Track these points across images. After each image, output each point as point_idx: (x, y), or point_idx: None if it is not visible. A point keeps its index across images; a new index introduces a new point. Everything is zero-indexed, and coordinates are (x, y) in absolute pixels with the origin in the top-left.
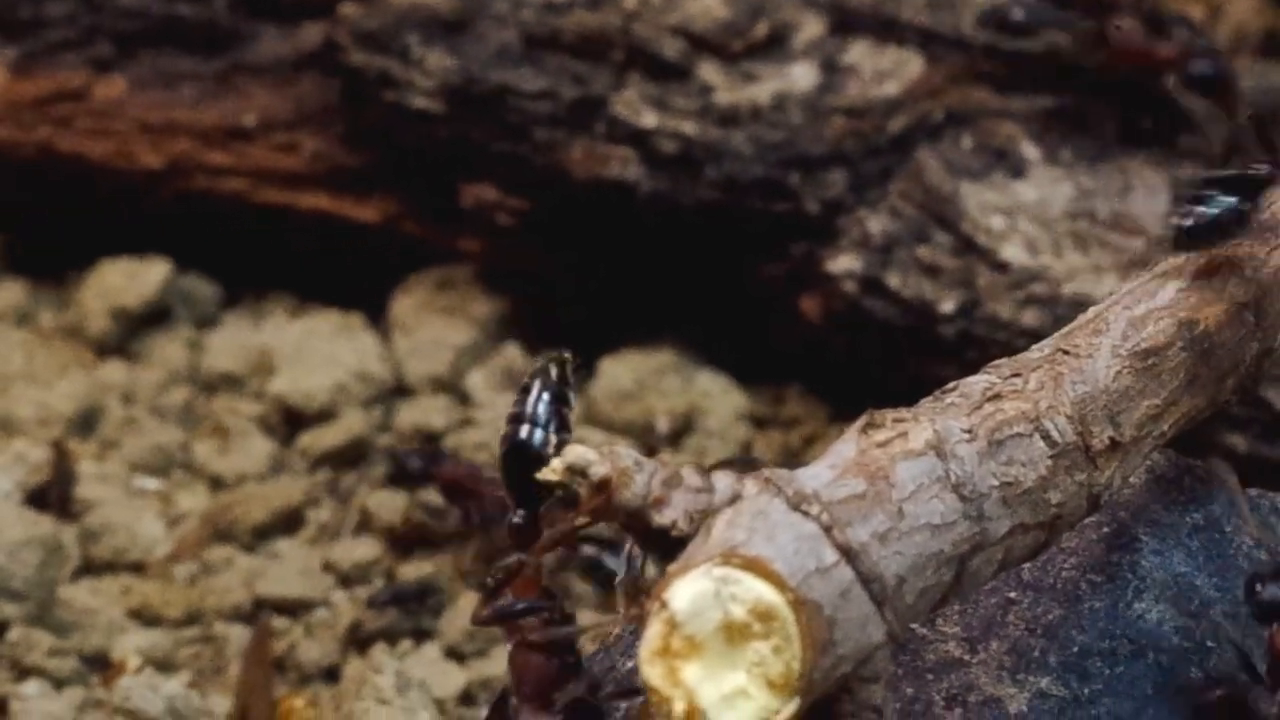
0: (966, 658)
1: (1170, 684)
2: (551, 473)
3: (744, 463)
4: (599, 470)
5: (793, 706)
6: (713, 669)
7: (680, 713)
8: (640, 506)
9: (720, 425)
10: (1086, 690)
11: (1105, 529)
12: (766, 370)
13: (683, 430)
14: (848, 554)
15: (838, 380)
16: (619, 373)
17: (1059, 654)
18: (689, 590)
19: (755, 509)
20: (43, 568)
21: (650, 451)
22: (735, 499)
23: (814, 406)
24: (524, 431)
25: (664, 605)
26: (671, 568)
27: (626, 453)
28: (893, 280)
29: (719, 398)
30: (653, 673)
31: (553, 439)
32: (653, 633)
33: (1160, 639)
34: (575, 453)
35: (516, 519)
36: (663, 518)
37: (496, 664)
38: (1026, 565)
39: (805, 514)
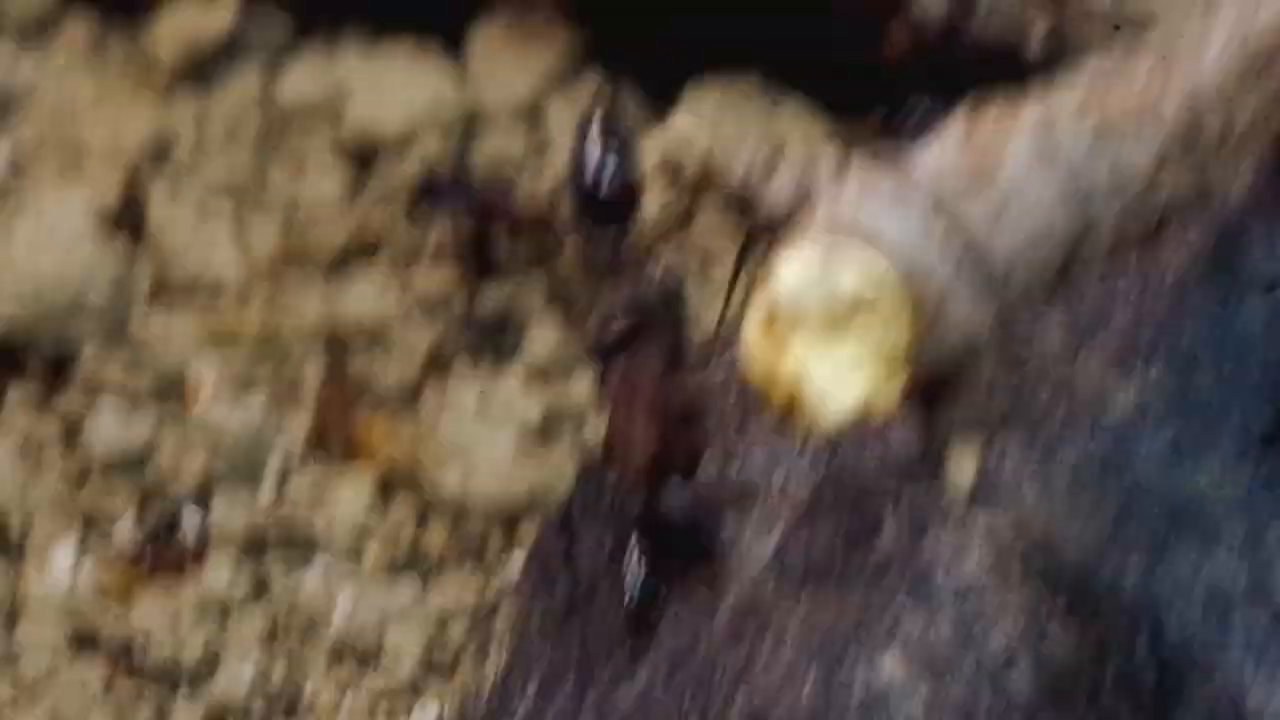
0: (1073, 348)
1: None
2: (656, 153)
3: None
4: (703, 144)
5: (900, 381)
6: (818, 344)
7: (786, 390)
8: (745, 183)
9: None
10: (1197, 383)
11: (1212, 221)
12: (855, 102)
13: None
14: (957, 230)
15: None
16: (702, 103)
17: (1168, 347)
18: (797, 263)
19: (864, 183)
20: (116, 292)
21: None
22: (842, 173)
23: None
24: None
25: (770, 278)
26: (780, 241)
27: (732, 129)
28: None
29: (801, 126)
30: (758, 348)
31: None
32: (758, 305)
33: (1273, 335)
34: (678, 128)
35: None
36: (770, 193)
37: (579, 389)
38: (1134, 257)
39: (915, 188)
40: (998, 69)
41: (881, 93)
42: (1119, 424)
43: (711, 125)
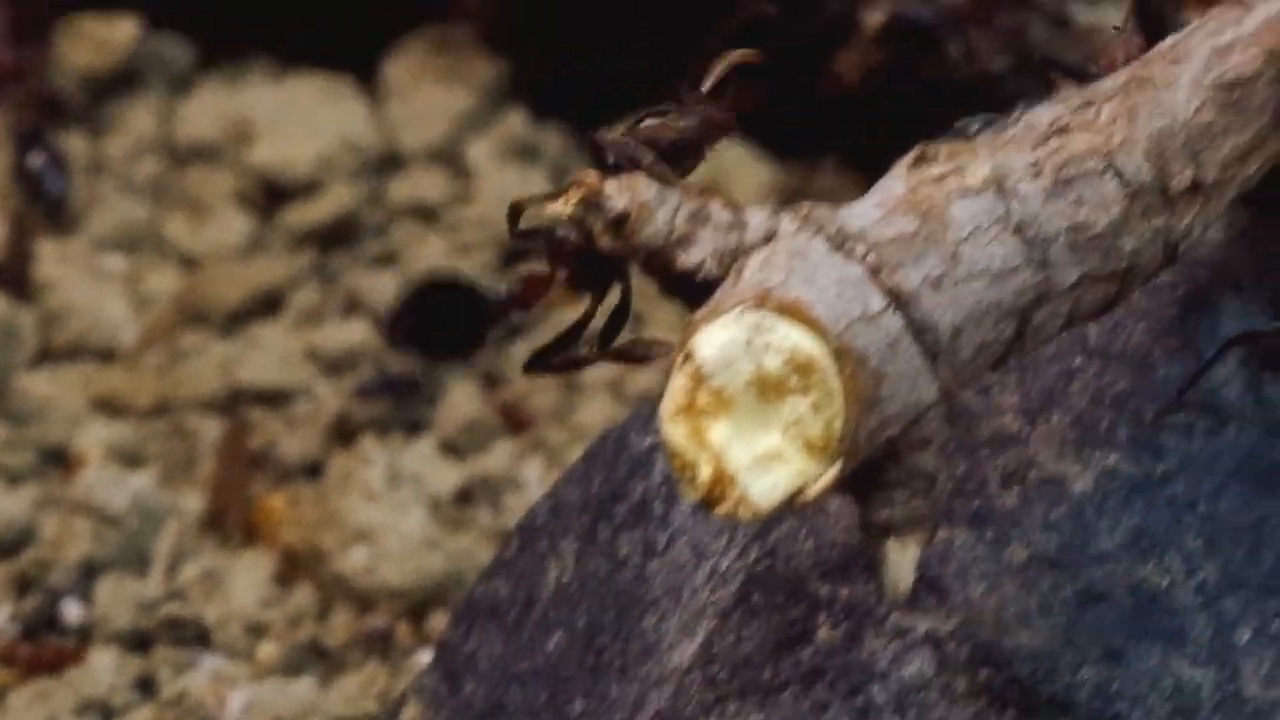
0: (1025, 431)
1: (1254, 462)
2: (562, 206)
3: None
4: (616, 203)
5: (833, 471)
6: (743, 429)
7: (706, 478)
8: (663, 245)
9: (744, 200)
10: (1160, 468)
11: (1181, 289)
12: (797, 141)
13: None
14: (897, 299)
15: (876, 151)
16: None
17: (1128, 427)
18: (718, 338)
19: (792, 248)
20: None
21: None
22: (770, 237)
23: (849, 180)
24: None
25: (689, 356)
26: (698, 313)
27: (647, 184)
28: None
29: (744, 169)
30: (676, 433)
31: None
32: (676, 387)
33: (1243, 411)
34: (589, 184)
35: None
36: (689, 258)
37: (495, 459)
38: (1093, 329)
39: (849, 254)
40: (956, 109)
41: (831, 135)
42: (1075, 513)
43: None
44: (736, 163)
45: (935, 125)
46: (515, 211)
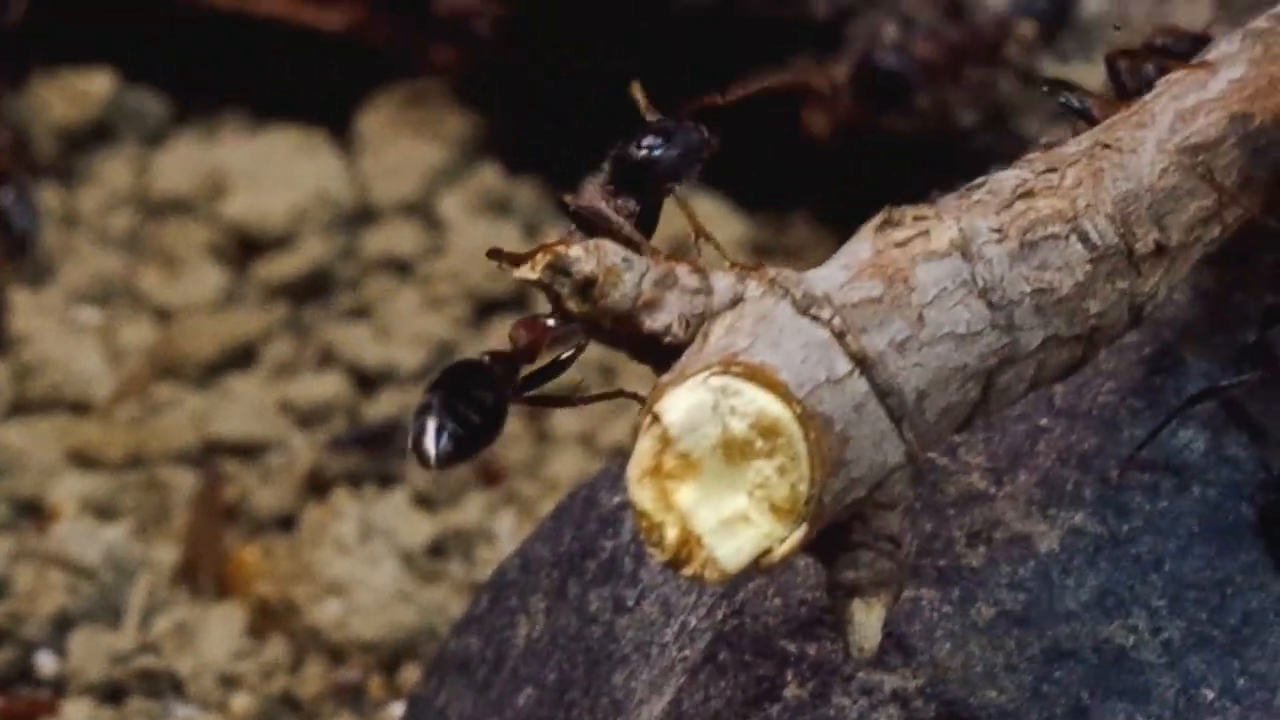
0: (992, 490)
1: (1218, 521)
2: (530, 271)
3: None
4: (583, 268)
5: (799, 533)
6: (710, 491)
7: (673, 540)
8: (630, 309)
9: (716, 255)
10: (1125, 527)
11: (1147, 349)
12: (769, 195)
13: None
14: (862, 363)
15: (847, 205)
16: None
17: (1095, 487)
18: (684, 402)
19: (759, 312)
20: None
21: None
22: (736, 301)
23: (821, 234)
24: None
25: (656, 419)
26: (664, 377)
27: (614, 248)
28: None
29: (716, 223)
30: (642, 495)
31: None
32: (643, 450)
33: (1207, 471)
34: (556, 249)
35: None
36: (655, 322)
37: (467, 512)
38: (1059, 388)
39: (815, 318)
40: (925, 164)
41: (802, 188)
42: (1042, 571)
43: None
44: (708, 216)
45: (905, 180)
46: (495, 255)
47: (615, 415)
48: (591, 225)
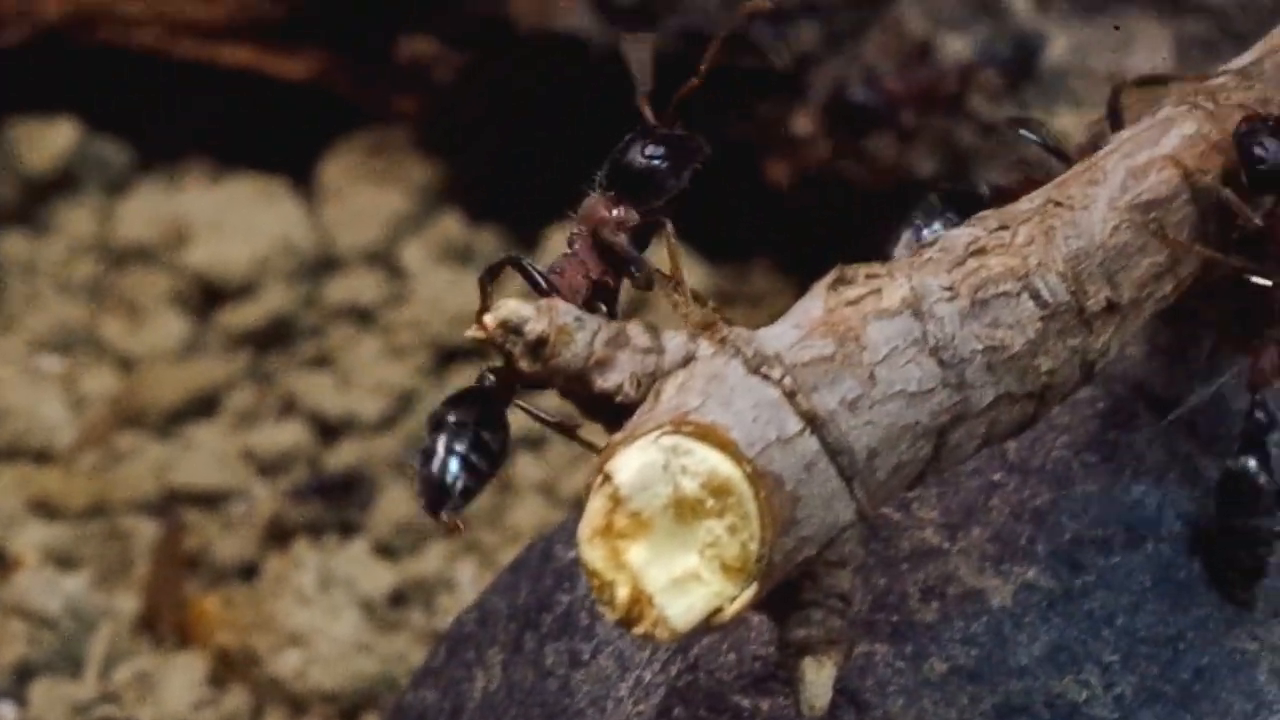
0: (945, 546)
1: (1170, 577)
2: (481, 331)
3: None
4: (535, 328)
5: (749, 592)
6: (661, 550)
7: (624, 599)
8: (582, 368)
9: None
10: (1078, 582)
11: (1100, 404)
12: (730, 243)
13: (636, 308)
14: (813, 422)
15: (808, 254)
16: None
17: (1048, 542)
18: (635, 461)
19: (710, 372)
20: None
21: None
22: (688, 360)
23: (782, 282)
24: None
25: (607, 478)
26: (615, 437)
27: (566, 308)
28: (867, 141)
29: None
30: (593, 554)
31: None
32: (594, 509)
33: (1160, 526)
34: (508, 308)
35: None
36: (606, 381)
37: (428, 562)
38: (1012, 444)
39: (766, 377)
40: (884, 212)
41: (763, 237)
42: (994, 627)
43: None
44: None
45: (865, 229)
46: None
47: (577, 464)
48: (547, 283)
